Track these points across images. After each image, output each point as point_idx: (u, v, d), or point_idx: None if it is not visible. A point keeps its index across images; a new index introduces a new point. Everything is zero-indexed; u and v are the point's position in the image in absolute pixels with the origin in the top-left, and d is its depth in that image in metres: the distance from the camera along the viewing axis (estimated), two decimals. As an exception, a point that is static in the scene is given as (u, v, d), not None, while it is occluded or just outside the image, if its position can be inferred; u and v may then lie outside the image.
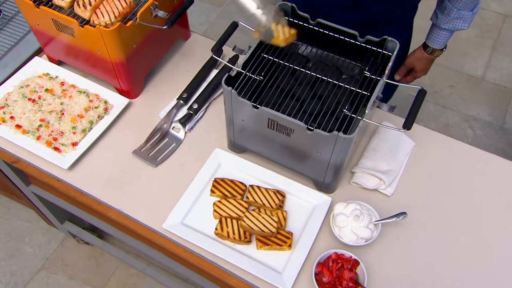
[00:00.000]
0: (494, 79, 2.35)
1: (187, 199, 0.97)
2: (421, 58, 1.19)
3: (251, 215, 0.92)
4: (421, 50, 1.19)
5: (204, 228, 0.94)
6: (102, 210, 0.99)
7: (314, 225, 0.94)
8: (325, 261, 0.88)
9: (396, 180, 1.01)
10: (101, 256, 1.78)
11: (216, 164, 1.03)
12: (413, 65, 1.22)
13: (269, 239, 0.91)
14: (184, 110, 1.13)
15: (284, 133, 0.88)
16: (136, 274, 1.72)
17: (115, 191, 1.00)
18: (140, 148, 1.06)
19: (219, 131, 1.09)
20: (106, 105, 1.13)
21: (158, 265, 1.71)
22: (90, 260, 1.78)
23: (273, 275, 0.87)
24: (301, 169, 0.99)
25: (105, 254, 1.77)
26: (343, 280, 0.84)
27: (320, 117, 0.88)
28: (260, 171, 1.01)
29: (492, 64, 2.41)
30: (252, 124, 0.92)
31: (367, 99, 0.88)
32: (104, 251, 1.76)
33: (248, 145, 1.02)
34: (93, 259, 1.78)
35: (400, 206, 0.96)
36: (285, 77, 0.94)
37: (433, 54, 1.18)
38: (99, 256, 1.78)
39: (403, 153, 1.05)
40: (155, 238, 0.95)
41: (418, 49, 1.20)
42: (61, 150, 1.06)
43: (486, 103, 2.25)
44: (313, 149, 0.89)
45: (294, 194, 0.99)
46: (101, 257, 1.78)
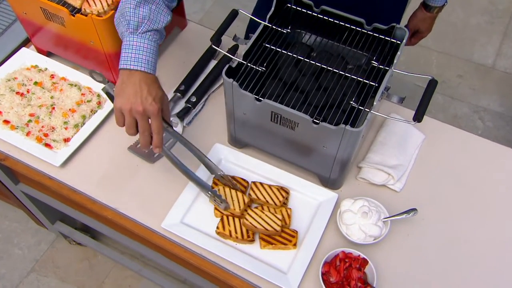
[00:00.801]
0: (505, 67, 2.36)
1: (187, 197, 0.98)
2: (424, 18, 1.23)
3: (254, 213, 0.93)
4: (422, 10, 1.22)
5: (205, 227, 0.95)
6: (96, 209, 1.00)
7: (320, 222, 0.94)
8: (332, 260, 0.89)
9: (405, 175, 1.02)
10: (94, 257, 1.78)
11: (216, 160, 1.03)
12: (417, 27, 1.26)
13: (273, 237, 0.92)
14: (181, 104, 1.14)
15: (288, 127, 0.88)
16: (132, 275, 1.73)
17: (110, 189, 1.00)
18: (136, 144, 1.06)
19: (219, 125, 1.10)
20: (99, 99, 1.13)
21: (154, 266, 1.72)
22: (82, 262, 1.78)
23: (277, 276, 0.88)
24: (305, 165, 0.99)
25: (98, 255, 1.78)
26: (351, 280, 0.85)
27: (326, 110, 0.88)
28: (262, 167, 1.02)
29: (503, 51, 2.42)
30: (254, 117, 0.93)
31: (375, 90, 0.88)
32: (98, 252, 1.77)
33: (249, 139, 1.03)
34: (86, 261, 1.78)
35: (409, 202, 0.97)
36: (288, 68, 0.94)
37: (435, 12, 1.21)
38: (92, 257, 1.79)
39: (412, 146, 1.06)
40: (154, 238, 0.95)
41: (419, 10, 1.23)
42: (52, 146, 1.06)
43: (496, 93, 2.26)
44: (318, 143, 0.89)
45: (298, 190, 1.00)
46: (94, 258, 1.78)
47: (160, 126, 0.86)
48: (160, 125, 0.86)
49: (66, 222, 1.67)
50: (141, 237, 0.98)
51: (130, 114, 0.84)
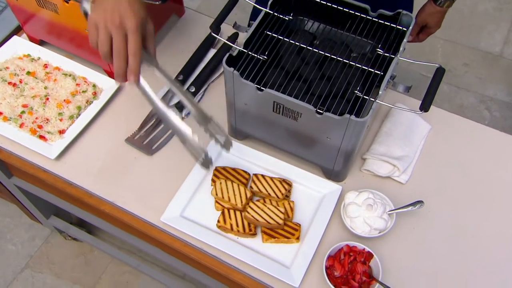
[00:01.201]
0: (513, 56, 2.36)
1: (186, 190, 0.98)
2: (433, 12, 1.21)
3: (256, 206, 0.94)
4: (431, 4, 1.21)
5: (205, 220, 0.95)
6: (94, 203, 1.00)
7: (324, 215, 0.95)
8: (336, 254, 0.89)
9: (411, 166, 1.02)
10: (91, 252, 1.79)
11: (216, 151, 1.04)
12: (425, 21, 1.24)
13: (275, 231, 0.93)
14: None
15: (290, 117, 0.89)
16: (129, 271, 1.74)
17: (107, 182, 1.01)
18: (133, 136, 1.07)
19: (219, 116, 1.09)
20: (94, 89, 1.13)
21: (153, 261, 1.73)
22: (78, 257, 1.79)
23: (280, 270, 0.89)
24: (308, 156, 1.00)
25: (95, 251, 1.79)
26: (356, 274, 0.86)
27: (330, 100, 0.88)
28: (264, 158, 1.02)
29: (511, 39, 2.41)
30: (256, 108, 0.93)
31: (380, 79, 0.89)
32: (94, 247, 1.78)
33: (251, 130, 1.03)
34: (81, 256, 1.79)
35: (415, 194, 0.98)
36: (291, 56, 0.94)
37: (445, 6, 1.20)
38: (88, 253, 1.80)
39: (418, 137, 1.06)
40: (153, 232, 0.96)
41: (428, 4, 1.22)
42: (47, 138, 1.06)
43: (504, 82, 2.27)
44: (322, 134, 0.89)
45: (301, 183, 1.00)
46: (90, 254, 1.79)
47: (138, 45, 0.76)
48: (138, 44, 0.75)
49: (61, 216, 1.67)
50: (139, 232, 0.98)
51: (105, 27, 0.74)
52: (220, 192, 0.96)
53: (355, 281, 0.85)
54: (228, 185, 0.96)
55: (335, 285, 0.85)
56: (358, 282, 0.85)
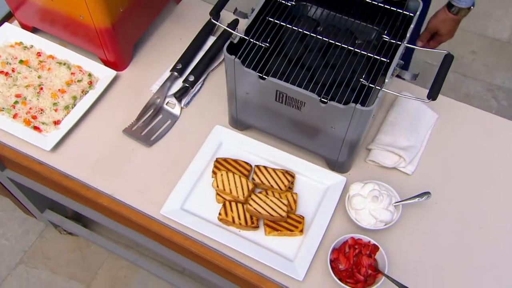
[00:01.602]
0: (522, 42, 2.35)
1: (186, 182, 0.98)
2: (446, 19, 1.19)
3: (258, 198, 0.94)
4: (445, 11, 1.19)
5: (206, 213, 0.96)
6: (91, 196, 1.00)
7: (328, 207, 0.96)
8: (341, 246, 0.90)
9: (417, 157, 1.03)
10: (87, 247, 1.80)
11: (217, 142, 1.04)
12: (437, 28, 1.22)
13: (278, 224, 0.93)
14: (179, 83, 1.14)
15: (293, 107, 0.89)
16: (127, 266, 1.75)
17: (105, 174, 1.01)
18: (131, 126, 1.07)
19: (219, 106, 1.10)
20: (90, 78, 1.13)
21: (151, 256, 1.74)
22: (74, 252, 1.80)
23: (284, 263, 0.90)
24: (312, 147, 1.00)
25: (91, 245, 1.80)
26: (361, 267, 0.87)
27: (334, 88, 0.88)
28: (266, 149, 1.03)
29: (520, 25, 2.41)
30: (258, 97, 0.93)
31: (386, 67, 0.89)
32: (90, 242, 1.78)
33: (252, 121, 1.03)
34: (77, 251, 1.80)
35: (421, 186, 0.99)
36: (293, 43, 0.94)
37: (459, 14, 1.18)
38: (84, 247, 1.80)
39: (424, 126, 1.06)
40: (152, 226, 0.96)
41: (441, 10, 1.20)
42: (41, 129, 1.06)
43: (512, 70, 2.27)
44: (326, 124, 0.90)
45: (304, 174, 1.01)
46: (86, 248, 1.80)
47: None
48: None
49: (56, 210, 1.68)
50: (138, 225, 0.99)
51: None
52: (221, 184, 0.96)
53: (360, 274, 0.86)
54: (229, 177, 0.97)
55: (340, 278, 0.86)
56: (364, 275, 0.86)
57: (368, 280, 0.86)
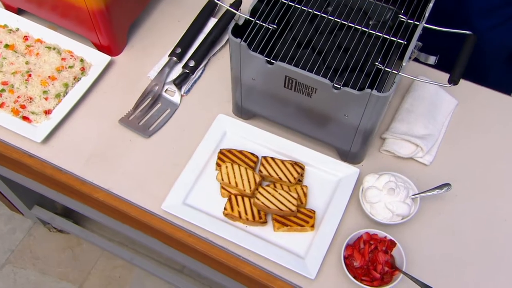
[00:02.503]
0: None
1: (189, 175, 0.99)
2: None
3: (266, 192, 0.95)
4: None
5: (211, 208, 0.97)
6: (87, 190, 1.01)
7: (340, 201, 0.96)
8: (355, 242, 0.91)
9: (436, 146, 1.03)
10: (78, 246, 1.81)
11: (220, 132, 1.04)
12: None
13: (288, 219, 0.94)
14: (178, 69, 1.13)
15: (304, 94, 0.89)
16: (122, 265, 1.76)
17: (101, 167, 1.02)
18: (128, 116, 1.07)
19: (222, 93, 1.10)
20: (82, 64, 1.13)
21: (147, 254, 1.75)
22: (65, 251, 1.81)
23: (294, 261, 0.91)
24: (323, 137, 1.01)
25: (83, 244, 1.81)
26: (377, 264, 0.88)
27: (347, 73, 0.88)
28: (273, 139, 1.03)
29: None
30: (265, 83, 0.93)
31: (403, 49, 0.89)
32: (82, 240, 1.79)
33: (258, 109, 1.03)
34: (68, 250, 1.81)
35: (440, 177, 0.99)
36: (303, 25, 0.94)
37: None
38: (75, 246, 1.82)
39: (443, 113, 1.07)
40: (153, 222, 0.97)
41: None
42: (31, 119, 1.06)
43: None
44: (339, 111, 0.90)
45: (314, 166, 1.01)
46: (78, 247, 1.81)
47: None
48: None
49: (45, 206, 1.68)
50: (137, 221, 0.99)
51: None
52: (226, 177, 0.97)
53: (376, 272, 0.87)
54: (234, 169, 0.97)
55: (354, 276, 0.87)
56: (380, 272, 0.87)
57: (384, 277, 0.87)
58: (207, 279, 1.68)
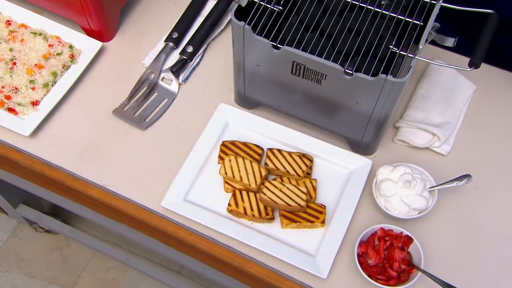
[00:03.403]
0: None
1: (189, 169, 0.99)
2: None
3: (273, 186, 0.95)
4: None
5: (214, 204, 0.97)
6: (80, 187, 1.01)
7: (352, 195, 0.97)
8: (369, 239, 0.92)
9: (454, 135, 1.04)
10: (68, 246, 1.82)
11: (222, 123, 1.05)
12: None
13: (296, 215, 0.95)
14: (175, 55, 1.14)
15: (312, 80, 0.89)
16: (115, 267, 1.77)
17: (95, 162, 1.02)
18: (122, 107, 1.07)
19: (223, 81, 1.10)
20: (72, 51, 1.12)
21: (142, 254, 1.76)
22: (53, 252, 1.82)
23: (304, 259, 0.91)
24: (332, 126, 1.01)
25: (72, 244, 1.82)
26: (393, 262, 0.88)
27: (359, 58, 0.89)
28: (280, 130, 1.04)
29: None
30: (270, 70, 0.93)
31: (419, 31, 0.89)
32: (72, 240, 1.80)
33: (263, 97, 1.04)
34: (57, 251, 1.82)
35: (459, 168, 1.00)
36: (310, 6, 0.94)
37: None
38: (64, 247, 1.82)
39: (461, 99, 1.07)
40: (152, 220, 0.98)
41: None
42: (17, 111, 1.06)
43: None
44: (350, 99, 0.90)
45: (324, 158, 1.02)
46: (67, 248, 1.82)
47: None
48: None
49: (31, 205, 1.68)
50: (135, 220, 1.00)
51: None
52: (230, 170, 0.97)
53: (393, 270, 0.88)
54: (239, 163, 0.98)
55: (369, 275, 0.88)
56: (397, 271, 0.88)
57: (401, 276, 0.88)
58: (207, 280, 1.70)
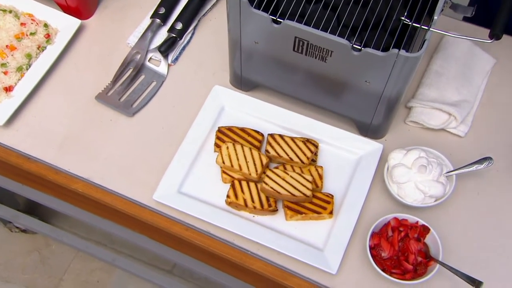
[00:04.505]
0: None
1: (183, 158, 1.00)
2: None
3: (275, 175, 0.96)
4: None
5: (211, 196, 0.98)
6: (62, 181, 1.01)
7: (362, 182, 0.98)
8: (382, 230, 0.93)
9: (471, 114, 1.05)
10: (47, 247, 1.82)
11: (217, 107, 1.05)
12: None
13: (302, 205, 0.96)
14: (163, 33, 1.14)
15: (317, 58, 0.90)
16: (100, 268, 1.78)
17: (78, 153, 1.02)
18: (106, 91, 1.07)
19: (217, 60, 1.10)
20: (47, 30, 1.12)
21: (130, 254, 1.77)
22: (31, 254, 1.82)
23: (311, 253, 0.92)
24: (339, 108, 1.02)
25: (52, 245, 1.82)
26: (409, 254, 0.89)
27: (368, 32, 0.89)
28: (281, 114, 1.04)
29: None
30: (270, 47, 0.93)
31: (433, 0, 0.89)
32: (52, 240, 1.80)
33: (262, 78, 1.04)
34: (35, 253, 1.82)
35: (478, 150, 1.01)
36: (312, -25, 0.94)
37: None
38: (43, 247, 1.82)
39: (479, 75, 1.08)
40: (143, 215, 0.98)
41: None
42: (-12, 99, 1.06)
43: None
44: (359, 77, 0.91)
45: (330, 142, 1.03)
46: (46, 249, 1.82)
47: None
48: None
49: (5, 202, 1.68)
50: (123, 216, 1.00)
51: None
52: (227, 159, 0.98)
53: (408, 263, 0.89)
54: (237, 150, 0.98)
55: (383, 269, 0.89)
56: (413, 263, 0.89)
57: (418, 269, 0.89)
58: (202, 280, 1.71)
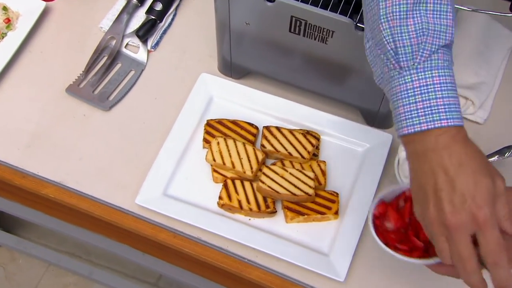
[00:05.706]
0: None
1: (168, 157, 1.00)
2: None
3: (273, 172, 0.96)
4: None
5: (201, 198, 0.98)
6: (30, 186, 1.01)
7: (370, 178, 0.98)
8: (393, 200, 0.87)
9: (491, 98, 1.05)
10: (12, 261, 1.82)
11: (205, 98, 1.05)
12: None
13: (303, 206, 0.96)
14: (141, 15, 1.14)
15: (316, 39, 0.90)
16: (75, 282, 1.78)
17: (48, 154, 1.02)
18: (78, 83, 1.07)
19: (203, 45, 1.10)
20: (7, 14, 1.12)
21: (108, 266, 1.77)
22: (-6, 270, 1.81)
23: (315, 259, 0.92)
24: (341, 95, 1.02)
25: (19, 258, 1.81)
26: (420, 230, 0.81)
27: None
28: (277, 103, 1.04)
29: None
30: (263, 28, 0.94)
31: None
32: (18, 253, 1.79)
33: (254, 64, 1.04)
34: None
35: (499, 138, 1.01)
36: None
37: None
38: (8, 262, 1.82)
39: (498, 54, 1.09)
40: (125, 222, 0.98)
41: None
42: None
43: None
44: (364, 60, 0.90)
45: (333, 134, 1.03)
46: (12, 263, 1.82)
47: None
48: None
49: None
50: (101, 223, 1.00)
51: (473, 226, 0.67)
52: (218, 156, 0.98)
53: (419, 239, 0.84)
54: (229, 146, 0.98)
55: (386, 242, 0.83)
56: (424, 240, 0.82)
57: (429, 248, 0.81)
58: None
